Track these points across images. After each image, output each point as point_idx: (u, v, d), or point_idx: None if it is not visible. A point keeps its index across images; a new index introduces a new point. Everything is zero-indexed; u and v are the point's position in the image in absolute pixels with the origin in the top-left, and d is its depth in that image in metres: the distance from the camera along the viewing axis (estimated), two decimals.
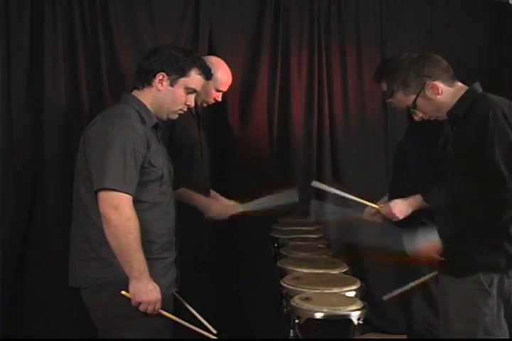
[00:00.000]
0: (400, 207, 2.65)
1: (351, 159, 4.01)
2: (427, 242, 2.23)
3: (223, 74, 2.91)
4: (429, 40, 4.19)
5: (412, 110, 2.24)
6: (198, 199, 2.78)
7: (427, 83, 2.15)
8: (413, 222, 2.63)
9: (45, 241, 3.18)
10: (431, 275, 2.40)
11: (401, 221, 2.69)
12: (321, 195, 3.13)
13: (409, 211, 2.65)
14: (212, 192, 2.98)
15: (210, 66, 2.37)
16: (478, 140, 2.05)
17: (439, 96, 2.16)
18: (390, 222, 2.72)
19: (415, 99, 2.17)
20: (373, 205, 2.69)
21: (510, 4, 4.37)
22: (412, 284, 2.49)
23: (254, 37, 3.78)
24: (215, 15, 3.64)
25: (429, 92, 2.16)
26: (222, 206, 2.82)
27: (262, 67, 3.78)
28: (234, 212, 2.83)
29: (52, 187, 3.17)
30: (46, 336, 3.17)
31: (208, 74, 2.30)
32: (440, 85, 2.16)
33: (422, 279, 2.49)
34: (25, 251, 3.17)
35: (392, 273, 3.85)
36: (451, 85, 2.19)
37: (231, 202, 2.87)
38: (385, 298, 2.50)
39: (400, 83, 2.18)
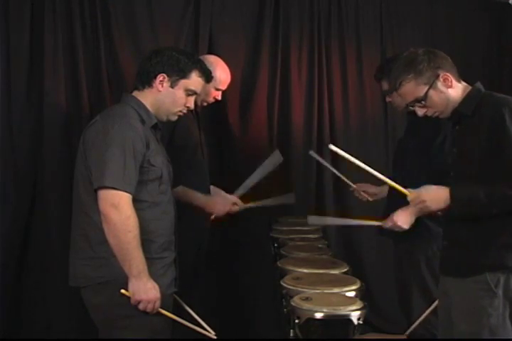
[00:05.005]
0: (403, 218, 2.61)
1: None
2: (432, 191, 2.16)
3: (222, 73, 2.90)
4: (429, 40, 4.19)
5: (423, 102, 2.17)
6: (196, 197, 2.75)
7: (441, 74, 2.13)
8: (415, 223, 2.62)
9: (45, 241, 3.18)
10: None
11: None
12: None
13: (413, 219, 2.63)
14: (213, 188, 2.97)
15: (209, 65, 2.37)
16: (493, 139, 2.03)
17: (450, 90, 2.14)
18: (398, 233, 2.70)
19: (427, 91, 2.13)
20: (375, 223, 2.68)
21: (510, 4, 4.38)
22: (426, 313, 2.60)
23: (254, 37, 3.78)
24: (215, 15, 3.64)
25: (441, 84, 2.13)
26: (221, 200, 2.81)
27: (262, 67, 3.78)
28: (234, 209, 2.82)
29: (52, 187, 3.16)
30: (46, 336, 3.16)
31: (208, 76, 2.31)
32: (452, 78, 2.15)
33: (433, 307, 2.52)
34: (25, 251, 3.17)
35: (392, 273, 3.84)
36: (459, 81, 2.18)
37: (232, 197, 2.85)
38: (407, 332, 2.71)
39: (414, 72, 2.13)
